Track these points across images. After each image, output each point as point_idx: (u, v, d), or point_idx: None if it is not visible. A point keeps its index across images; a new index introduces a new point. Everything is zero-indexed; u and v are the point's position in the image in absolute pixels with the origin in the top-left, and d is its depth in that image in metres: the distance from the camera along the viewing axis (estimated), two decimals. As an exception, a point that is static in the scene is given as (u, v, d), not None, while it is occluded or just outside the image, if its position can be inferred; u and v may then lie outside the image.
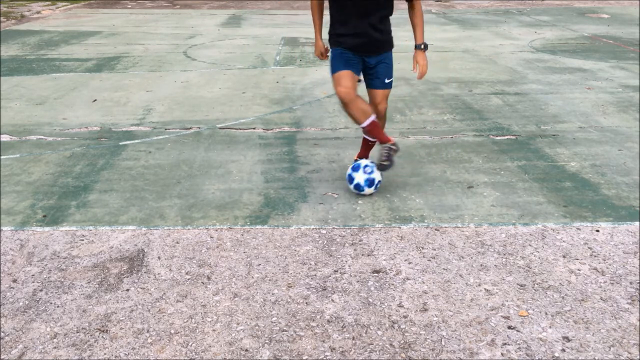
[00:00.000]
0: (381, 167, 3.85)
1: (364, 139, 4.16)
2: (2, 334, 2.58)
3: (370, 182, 3.82)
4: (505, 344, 2.51)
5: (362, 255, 3.21)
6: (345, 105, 3.74)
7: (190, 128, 5.34)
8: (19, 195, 3.95)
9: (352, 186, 3.86)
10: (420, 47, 3.91)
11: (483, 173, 4.30)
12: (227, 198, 3.90)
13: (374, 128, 3.82)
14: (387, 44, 3.87)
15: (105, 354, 2.46)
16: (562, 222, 3.56)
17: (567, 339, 2.54)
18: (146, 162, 4.53)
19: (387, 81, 3.90)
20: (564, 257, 3.18)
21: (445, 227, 3.51)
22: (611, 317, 2.67)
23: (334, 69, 3.76)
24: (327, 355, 2.44)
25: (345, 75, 3.70)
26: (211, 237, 3.40)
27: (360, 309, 2.74)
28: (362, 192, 3.86)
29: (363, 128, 3.87)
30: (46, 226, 3.53)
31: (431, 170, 4.36)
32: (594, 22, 12.17)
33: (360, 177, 3.81)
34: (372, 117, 3.78)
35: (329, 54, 3.86)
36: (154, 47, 9.44)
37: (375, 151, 4.01)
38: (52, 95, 6.48)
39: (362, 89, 3.86)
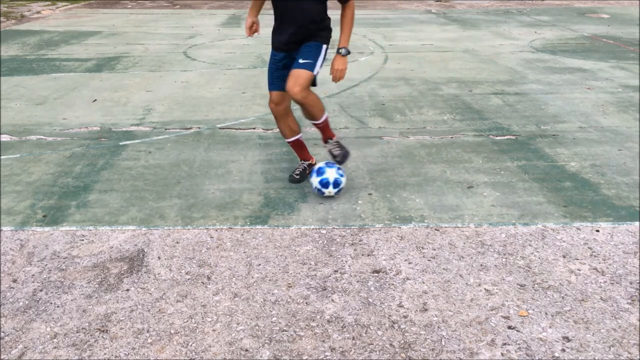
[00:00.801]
0: (292, 179, 4.13)
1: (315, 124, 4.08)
2: (2, 334, 2.58)
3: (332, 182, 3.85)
4: (505, 344, 2.51)
5: (362, 255, 3.21)
6: (275, 119, 4.01)
7: (190, 128, 5.34)
8: (19, 195, 3.95)
9: (335, 189, 3.84)
10: (339, 51, 3.74)
11: (483, 173, 4.30)
12: (227, 198, 3.90)
13: (294, 147, 4.16)
14: (314, 35, 3.72)
15: (105, 354, 2.46)
16: (562, 222, 3.56)
17: (567, 339, 2.54)
18: (146, 162, 4.53)
19: (301, 61, 3.63)
20: (564, 257, 3.19)
21: (445, 227, 3.51)
22: (611, 317, 2.67)
23: (268, 82, 3.89)
24: (327, 355, 2.44)
25: (274, 95, 3.85)
26: (211, 237, 3.40)
27: (360, 309, 2.75)
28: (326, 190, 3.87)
29: (288, 142, 4.11)
30: (46, 226, 3.53)
31: (431, 170, 4.36)
32: (594, 22, 12.17)
33: (331, 174, 3.82)
34: (297, 137, 4.06)
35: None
36: (154, 47, 9.44)
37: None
38: (52, 95, 6.48)
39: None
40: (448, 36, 10.48)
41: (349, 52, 3.79)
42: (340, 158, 4.01)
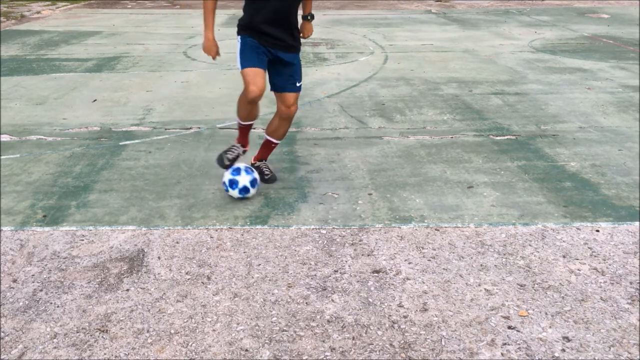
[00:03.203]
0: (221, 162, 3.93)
1: (267, 141, 4.09)
2: (2, 334, 2.58)
3: (253, 182, 3.81)
4: (505, 344, 2.51)
5: (362, 255, 3.21)
6: (249, 102, 3.71)
7: (190, 128, 5.34)
8: (19, 195, 3.95)
9: (237, 191, 3.79)
10: (307, 17, 3.92)
11: (483, 173, 4.30)
12: (227, 198, 3.90)
13: (246, 130, 4.03)
14: (298, 43, 3.83)
15: (105, 354, 2.46)
16: (562, 222, 3.56)
17: (567, 339, 2.54)
18: (146, 162, 4.53)
19: (298, 84, 3.88)
20: (564, 257, 3.19)
21: (445, 227, 3.51)
22: (611, 317, 2.67)
23: (246, 62, 3.66)
24: (327, 355, 2.45)
25: (259, 73, 3.64)
26: (211, 237, 3.40)
27: (360, 309, 2.75)
28: (248, 195, 3.82)
29: (238, 122, 3.97)
30: (46, 226, 3.53)
31: (431, 170, 4.36)
32: (594, 22, 12.17)
33: (244, 179, 3.77)
34: (253, 122, 3.98)
35: (238, 41, 3.75)
36: (154, 47, 9.44)
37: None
38: (52, 95, 6.48)
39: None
40: (448, 36, 10.48)
41: (313, 17, 3.97)
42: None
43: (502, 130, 5.26)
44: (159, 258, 3.19)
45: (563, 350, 2.47)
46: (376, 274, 3.03)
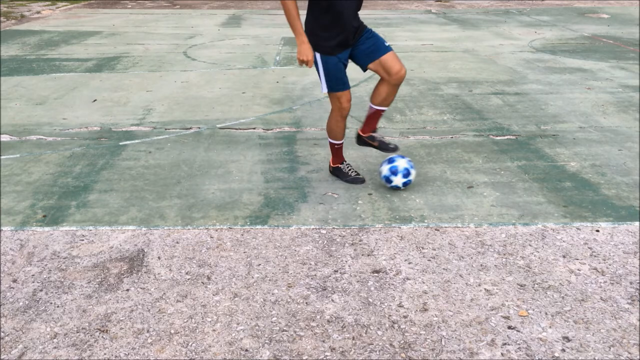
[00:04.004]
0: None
1: (376, 111, 4.03)
2: (2, 334, 2.58)
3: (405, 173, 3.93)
4: (505, 344, 2.51)
5: (362, 255, 3.21)
6: (343, 117, 3.96)
7: (190, 128, 5.34)
8: (19, 195, 3.95)
9: (405, 181, 3.95)
10: None
11: (483, 173, 4.30)
12: (227, 198, 3.90)
13: (341, 148, 4.18)
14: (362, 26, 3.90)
15: (105, 354, 2.46)
16: (562, 222, 3.56)
17: (567, 339, 2.54)
18: (146, 162, 4.53)
19: (387, 44, 3.85)
20: (564, 257, 3.19)
21: (445, 227, 3.51)
22: (611, 317, 2.67)
23: (336, 86, 3.82)
24: (327, 355, 2.45)
25: (346, 92, 3.88)
26: (211, 237, 3.40)
27: (360, 309, 2.75)
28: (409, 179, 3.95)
29: (334, 144, 4.11)
30: (46, 226, 3.53)
31: (431, 170, 4.36)
32: (594, 22, 12.17)
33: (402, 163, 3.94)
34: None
35: (318, 60, 3.76)
36: (154, 47, 9.45)
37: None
38: (52, 95, 6.48)
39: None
40: (448, 36, 10.48)
41: None
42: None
43: (502, 130, 5.26)
44: (159, 258, 3.19)
45: (563, 350, 2.47)
46: (376, 274, 3.03)
